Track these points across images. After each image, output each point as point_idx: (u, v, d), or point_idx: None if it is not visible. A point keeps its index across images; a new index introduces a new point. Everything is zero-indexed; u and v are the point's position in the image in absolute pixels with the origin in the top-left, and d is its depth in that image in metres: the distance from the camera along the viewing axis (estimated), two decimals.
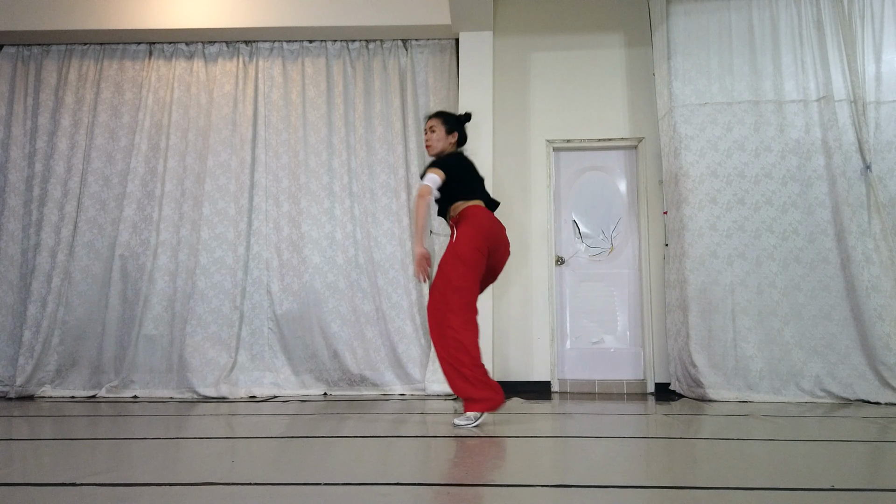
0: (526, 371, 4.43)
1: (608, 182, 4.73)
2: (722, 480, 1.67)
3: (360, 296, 4.45)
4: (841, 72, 4.20)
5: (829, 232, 4.06)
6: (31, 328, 4.41)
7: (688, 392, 4.04)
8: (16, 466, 1.91)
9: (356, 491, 1.53)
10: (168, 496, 1.50)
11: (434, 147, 3.15)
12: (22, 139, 4.74)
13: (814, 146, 4.16)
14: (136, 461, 1.94)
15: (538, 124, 4.70)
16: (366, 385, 4.31)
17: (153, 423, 2.93)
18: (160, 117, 4.73)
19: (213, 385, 4.19)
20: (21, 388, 4.26)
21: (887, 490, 1.59)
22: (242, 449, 2.23)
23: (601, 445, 2.28)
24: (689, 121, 4.26)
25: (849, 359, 3.90)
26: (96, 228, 4.59)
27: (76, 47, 4.87)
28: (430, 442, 2.37)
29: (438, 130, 3.15)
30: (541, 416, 3.10)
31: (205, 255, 4.47)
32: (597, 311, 4.58)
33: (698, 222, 4.13)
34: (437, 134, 3.15)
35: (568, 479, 1.69)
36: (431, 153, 3.18)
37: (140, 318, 4.39)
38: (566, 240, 4.68)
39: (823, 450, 2.18)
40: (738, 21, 4.38)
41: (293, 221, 4.57)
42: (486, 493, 1.54)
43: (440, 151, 3.15)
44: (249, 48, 4.83)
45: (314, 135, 4.67)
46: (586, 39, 4.78)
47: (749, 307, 4.03)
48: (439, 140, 3.14)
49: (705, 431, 2.71)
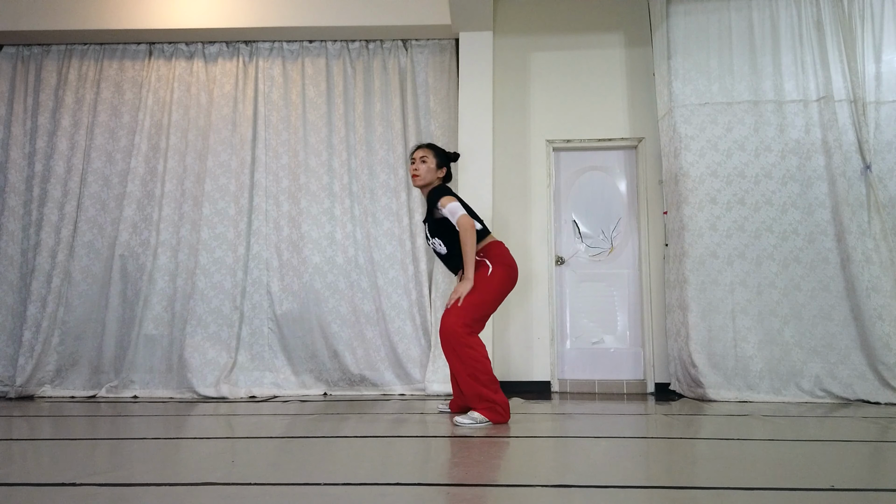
0: (526, 371, 4.43)
1: (608, 182, 4.73)
2: (722, 480, 1.67)
3: (360, 296, 4.45)
4: (841, 72, 4.21)
5: (828, 232, 4.06)
6: (31, 328, 4.41)
7: (688, 392, 4.04)
8: (16, 466, 1.91)
9: (356, 491, 1.53)
10: (168, 496, 1.50)
11: (423, 178, 3.08)
12: (22, 139, 4.74)
13: (814, 146, 4.16)
14: (136, 461, 1.94)
15: (538, 124, 4.70)
16: (366, 385, 4.31)
17: (153, 423, 2.93)
18: (160, 117, 4.73)
19: (213, 385, 4.18)
20: (21, 388, 4.26)
21: (887, 490, 1.59)
22: (242, 449, 2.23)
23: (601, 445, 2.28)
24: (689, 121, 4.27)
25: (849, 359, 3.90)
26: (96, 228, 4.59)
27: (76, 47, 4.87)
28: (430, 442, 2.37)
29: (430, 162, 3.09)
30: (541, 416, 3.09)
31: (205, 255, 4.47)
32: (597, 311, 4.58)
33: (698, 222, 4.13)
34: (427, 165, 3.09)
35: (568, 479, 1.69)
36: (417, 183, 3.11)
37: (140, 318, 4.39)
38: (566, 240, 4.68)
39: (823, 450, 2.18)
40: (738, 21, 4.39)
41: (293, 221, 4.57)
42: (486, 493, 1.54)
43: (427, 183, 3.10)
44: (249, 48, 4.83)
45: (314, 135, 4.67)
46: (586, 39, 4.79)
47: (749, 307, 4.03)
48: (429, 172, 3.09)
49: (705, 431, 2.71)
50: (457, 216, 2.89)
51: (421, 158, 3.10)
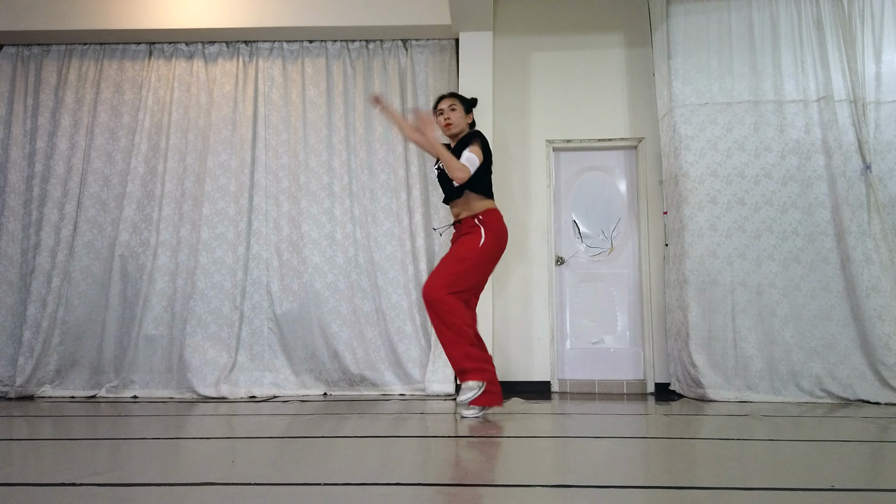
0: (526, 371, 4.43)
1: (608, 182, 4.73)
2: (722, 480, 1.67)
3: (359, 296, 4.45)
4: (841, 72, 4.20)
5: (828, 232, 4.06)
6: (31, 328, 4.41)
7: (688, 392, 4.04)
8: (16, 466, 1.91)
9: (356, 491, 1.53)
10: (168, 496, 1.50)
11: (457, 125, 3.17)
12: (22, 139, 4.74)
13: (814, 146, 4.16)
14: (136, 461, 1.93)
15: (538, 124, 4.70)
16: (366, 385, 4.31)
17: (153, 423, 2.93)
18: (160, 117, 4.73)
19: (212, 385, 4.18)
20: (21, 388, 4.26)
21: (887, 490, 1.59)
22: (242, 449, 2.23)
23: (601, 445, 2.28)
24: (689, 121, 4.27)
25: (849, 359, 3.90)
26: (96, 228, 4.59)
27: (76, 47, 4.87)
28: (430, 442, 2.37)
29: (459, 109, 3.19)
30: (541, 416, 3.09)
31: (205, 255, 4.47)
32: (597, 311, 4.58)
33: (698, 222, 4.13)
34: (457, 113, 3.18)
35: (568, 479, 1.69)
36: (450, 132, 3.18)
37: (140, 318, 4.39)
38: (566, 240, 4.68)
39: (823, 450, 2.18)
40: (737, 21, 4.38)
41: (293, 221, 4.57)
42: (486, 493, 1.54)
43: (461, 131, 3.18)
44: (249, 48, 4.83)
45: (314, 135, 4.67)
46: (586, 39, 4.78)
47: (749, 307, 4.03)
48: (460, 118, 3.18)
49: (705, 431, 2.71)
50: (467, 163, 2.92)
51: (450, 107, 3.19)
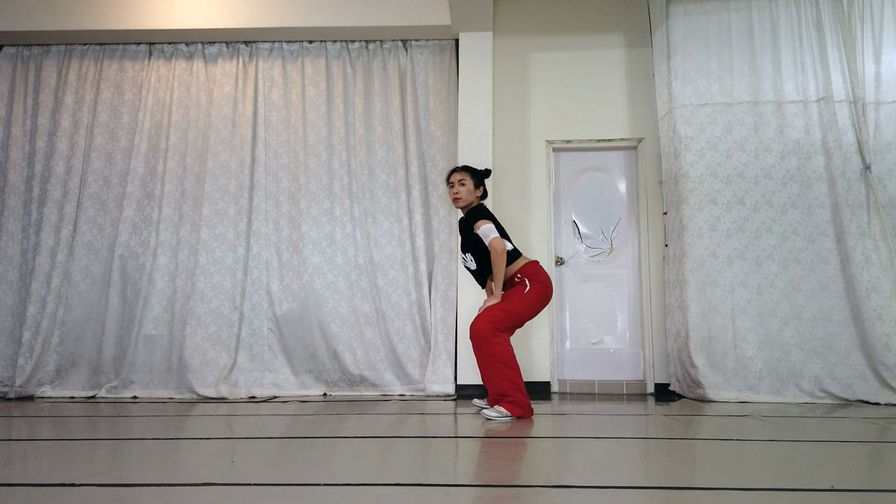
0: (526, 371, 4.41)
1: (608, 182, 4.73)
2: (722, 481, 1.67)
3: (359, 296, 4.45)
4: (841, 72, 4.21)
5: (828, 232, 4.06)
6: (31, 328, 4.41)
7: (687, 392, 4.04)
8: (15, 466, 1.91)
9: (356, 491, 1.53)
10: (168, 496, 1.50)
11: (464, 199, 3.33)
12: (22, 139, 4.74)
13: (813, 147, 4.16)
14: (136, 461, 1.93)
15: (538, 125, 4.70)
16: (365, 386, 4.31)
17: (153, 424, 2.93)
18: (160, 118, 4.73)
19: (212, 385, 4.18)
20: (20, 388, 4.26)
21: (887, 490, 1.59)
22: (242, 449, 2.23)
23: (601, 446, 2.28)
24: (688, 121, 4.27)
25: (848, 359, 3.90)
26: (96, 229, 4.59)
27: (76, 47, 4.87)
28: (430, 442, 2.37)
29: (468, 183, 3.35)
30: (541, 417, 3.09)
31: (204, 255, 4.47)
32: (596, 312, 4.58)
33: (698, 223, 4.13)
34: (466, 187, 3.34)
35: (568, 479, 1.69)
36: (459, 205, 3.36)
37: (140, 318, 4.39)
38: (566, 240, 4.68)
39: (823, 450, 2.18)
40: (737, 21, 4.39)
41: (293, 222, 4.57)
42: (486, 493, 1.54)
43: (469, 204, 3.34)
44: (249, 48, 4.83)
45: (314, 135, 4.67)
46: (586, 40, 4.79)
47: (749, 308, 4.03)
48: (469, 193, 3.35)
49: (705, 432, 2.71)
50: (489, 238, 3.15)
51: (459, 181, 3.35)
